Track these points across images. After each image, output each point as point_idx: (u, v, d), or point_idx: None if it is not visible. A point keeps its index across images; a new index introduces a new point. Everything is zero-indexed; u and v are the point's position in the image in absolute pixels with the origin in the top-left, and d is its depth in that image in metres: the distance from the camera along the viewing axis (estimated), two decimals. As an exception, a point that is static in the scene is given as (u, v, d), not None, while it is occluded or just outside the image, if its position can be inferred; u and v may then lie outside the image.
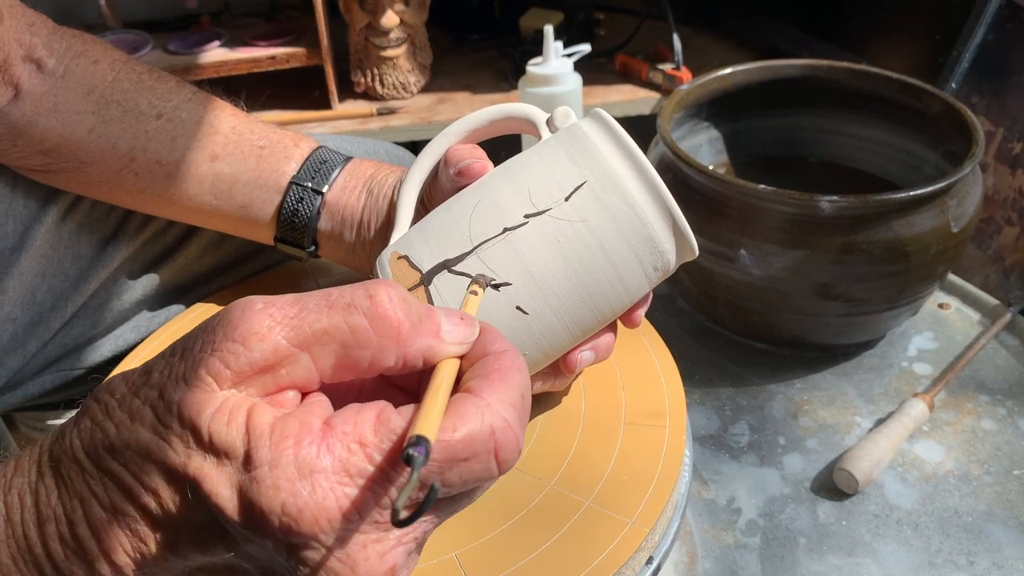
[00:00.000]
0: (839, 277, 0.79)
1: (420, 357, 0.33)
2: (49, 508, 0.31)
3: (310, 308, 0.31)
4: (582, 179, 0.48)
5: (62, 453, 0.32)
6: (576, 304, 0.49)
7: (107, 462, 0.31)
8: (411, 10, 1.34)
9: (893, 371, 0.90)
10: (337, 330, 0.31)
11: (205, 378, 0.30)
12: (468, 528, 0.50)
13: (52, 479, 0.32)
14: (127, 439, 0.31)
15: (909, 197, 0.76)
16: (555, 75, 1.11)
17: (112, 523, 0.31)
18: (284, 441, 0.29)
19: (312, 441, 0.29)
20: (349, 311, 0.31)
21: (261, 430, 0.29)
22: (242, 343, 0.31)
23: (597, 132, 0.50)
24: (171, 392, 0.31)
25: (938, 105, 0.90)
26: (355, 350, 0.32)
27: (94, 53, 0.63)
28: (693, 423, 0.84)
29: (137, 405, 0.31)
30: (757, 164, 1.03)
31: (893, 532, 0.73)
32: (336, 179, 0.62)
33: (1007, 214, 1.01)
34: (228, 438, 0.30)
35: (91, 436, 0.31)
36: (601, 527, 0.50)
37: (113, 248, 0.69)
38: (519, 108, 0.55)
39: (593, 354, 0.53)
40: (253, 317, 0.31)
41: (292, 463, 0.29)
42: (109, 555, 0.31)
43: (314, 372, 0.32)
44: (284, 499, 0.29)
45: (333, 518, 0.29)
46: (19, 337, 0.67)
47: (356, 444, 0.30)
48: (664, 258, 0.50)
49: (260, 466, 0.29)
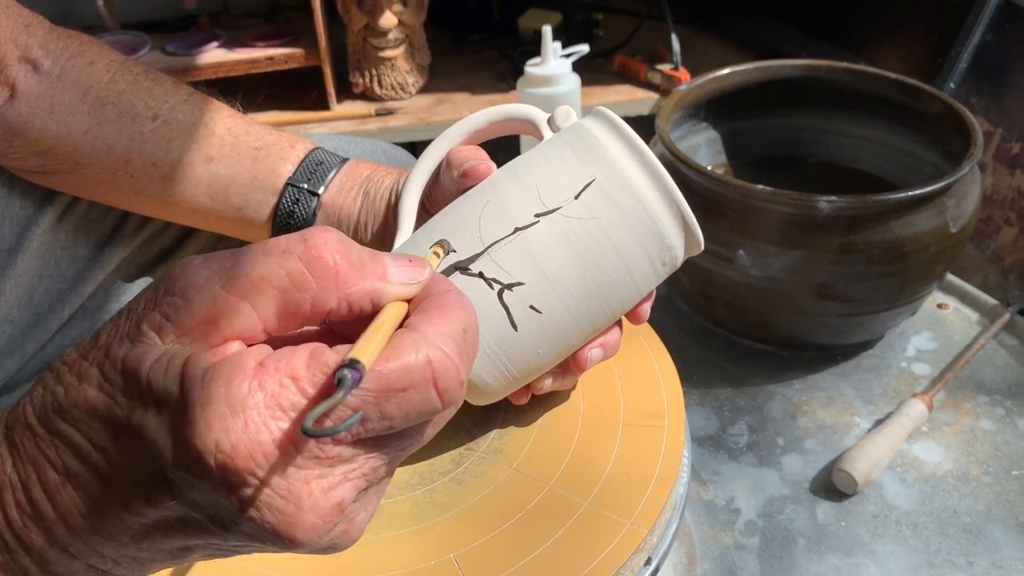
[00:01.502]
0: (838, 277, 0.79)
1: (367, 299, 0.33)
2: (4, 476, 0.32)
3: (247, 258, 0.32)
4: (591, 177, 0.49)
5: (15, 421, 0.33)
6: (588, 301, 0.49)
7: (57, 424, 0.31)
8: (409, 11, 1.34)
9: (892, 371, 0.90)
10: (274, 275, 0.31)
11: (147, 332, 0.31)
12: (467, 529, 0.50)
13: (7, 448, 0.32)
14: (75, 399, 0.31)
15: (908, 197, 0.76)
16: (554, 76, 1.11)
17: (66, 485, 0.31)
18: (215, 381, 0.29)
19: (243, 379, 0.29)
20: (284, 256, 0.31)
21: (194, 375, 0.29)
22: (181, 296, 0.31)
23: (602, 130, 0.50)
24: (116, 350, 0.31)
25: (937, 105, 0.90)
26: (294, 294, 0.31)
27: (90, 54, 0.63)
28: (692, 424, 0.84)
29: (85, 367, 0.32)
30: (756, 164, 1.03)
31: (892, 532, 0.73)
32: (332, 180, 0.62)
33: (1006, 214, 1.00)
34: (165, 385, 0.30)
35: (42, 401, 0.32)
36: (600, 528, 0.50)
37: (110, 250, 0.69)
38: (519, 109, 0.55)
39: (602, 351, 0.53)
40: (191, 271, 0.31)
41: (223, 400, 0.29)
42: (65, 519, 0.31)
43: (256, 321, 0.31)
44: (217, 437, 0.29)
45: (268, 452, 0.29)
46: (16, 339, 0.67)
47: (288, 379, 0.30)
48: (672, 252, 0.50)
49: (192, 408, 0.29)
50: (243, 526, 0.30)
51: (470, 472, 0.54)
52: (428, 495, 0.52)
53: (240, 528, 0.31)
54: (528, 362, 0.51)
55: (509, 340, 0.49)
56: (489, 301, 0.48)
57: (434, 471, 0.54)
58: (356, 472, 0.31)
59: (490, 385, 0.51)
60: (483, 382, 0.50)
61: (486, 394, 0.51)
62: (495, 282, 0.48)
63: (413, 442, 0.33)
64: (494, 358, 0.49)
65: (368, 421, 0.30)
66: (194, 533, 0.32)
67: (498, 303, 0.48)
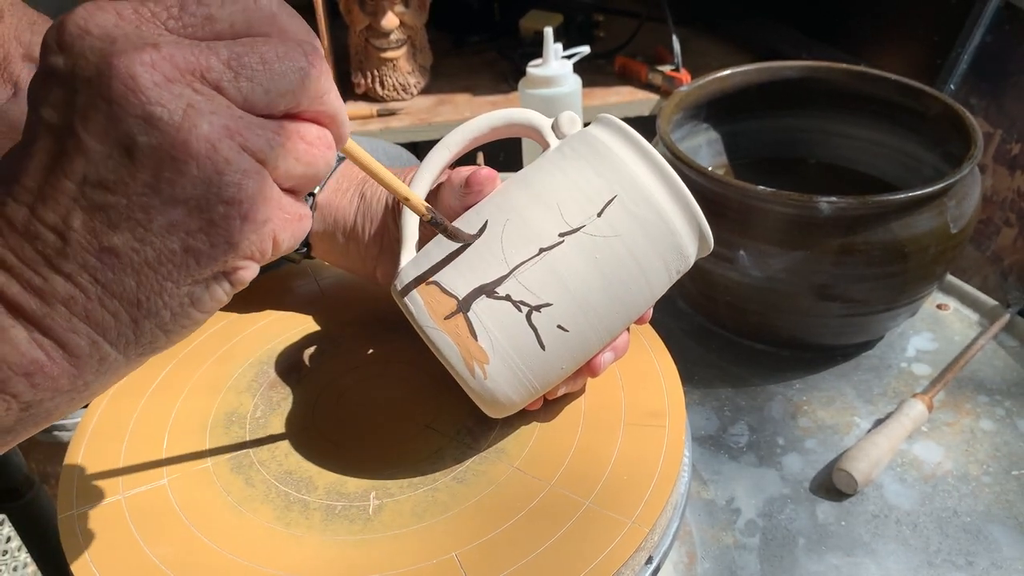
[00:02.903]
0: (838, 278, 0.79)
1: None
2: None
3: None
4: (612, 193, 0.49)
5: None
6: (611, 315, 0.50)
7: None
8: (411, 12, 1.34)
9: (892, 372, 0.90)
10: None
11: None
12: (468, 528, 0.50)
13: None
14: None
15: (908, 198, 0.76)
16: (555, 77, 1.11)
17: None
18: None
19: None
20: None
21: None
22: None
23: (617, 142, 0.50)
24: None
25: (936, 106, 0.90)
26: None
27: None
28: (692, 423, 0.84)
29: None
30: (756, 165, 1.04)
31: (892, 532, 0.73)
32: (328, 181, 0.62)
33: (1005, 215, 1.01)
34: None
35: None
36: (600, 527, 0.50)
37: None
38: (521, 114, 0.55)
39: (613, 354, 0.54)
40: None
41: None
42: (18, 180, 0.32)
43: None
44: (79, 12, 0.31)
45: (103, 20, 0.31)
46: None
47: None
48: (687, 260, 0.51)
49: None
50: (81, 96, 0.31)
51: (472, 471, 0.54)
52: (430, 494, 0.53)
53: (79, 100, 0.31)
54: (551, 377, 0.51)
55: (536, 359, 0.49)
56: (518, 324, 0.48)
57: (436, 470, 0.54)
58: (181, 54, 0.32)
59: (514, 401, 0.51)
60: (508, 399, 0.51)
61: (508, 408, 0.52)
62: (523, 304, 0.48)
63: (250, 53, 0.33)
64: (520, 376, 0.50)
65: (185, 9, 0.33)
66: (86, 161, 0.32)
67: (527, 325, 0.48)
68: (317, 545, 0.50)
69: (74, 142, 0.31)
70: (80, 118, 0.31)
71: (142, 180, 0.32)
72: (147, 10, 0.32)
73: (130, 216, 0.33)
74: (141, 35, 0.31)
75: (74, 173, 0.32)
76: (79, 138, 0.31)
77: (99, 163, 0.32)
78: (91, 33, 0.31)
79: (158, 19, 0.32)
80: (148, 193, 0.32)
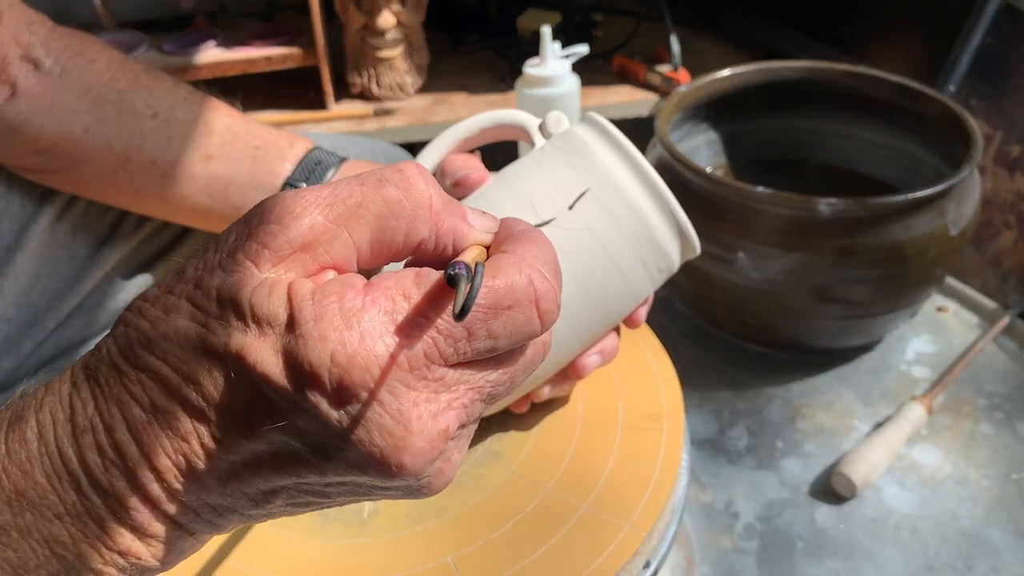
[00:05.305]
0: (837, 280, 0.78)
1: (450, 237, 0.33)
2: (85, 419, 0.30)
3: (342, 187, 0.31)
4: (584, 187, 0.48)
5: (99, 362, 0.31)
6: (584, 311, 0.49)
7: (144, 358, 0.30)
8: (407, 11, 1.34)
9: (891, 374, 0.89)
10: (371, 202, 0.31)
11: (243, 261, 0.30)
12: (465, 532, 0.50)
13: (88, 390, 0.31)
14: (163, 331, 0.30)
15: (907, 200, 0.75)
16: (552, 76, 1.10)
17: (152, 423, 0.30)
18: (327, 298, 0.28)
19: (356, 295, 0.29)
20: (381, 184, 0.31)
21: (303, 294, 0.29)
22: (278, 223, 0.30)
23: (594, 137, 0.50)
24: (208, 280, 0.30)
25: (936, 108, 0.89)
26: (390, 221, 0.31)
27: (91, 52, 0.63)
28: (691, 426, 0.83)
29: (172, 300, 0.30)
30: (755, 166, 1.03)
31: (891, 536, 0.73)
32: (330, 180, 0.62)
33: (1005, 217, 1.00)
34: (270, 307, 0.29)
35: (126, 337, 0.30)
36: (598, 531, 0.49)
37: (108, 248, 0.69)
38: (509, 115, 0.55)
39: (600, 358, 0.54)
40: (287, 200, 0.31)
41: (338, 314, 0.28)
42: (150, 458, 0.30)
43: (351, 249, 0.31)
44: (333, 348, 0.28)
45: (383, 367, 0.28)
46: (13, 338, 0.67)
47: (400, 296, 0.29)
48: (668, 259, 0.50)
49: (305, 322, 0.28)
50: (348, 452, 0.29)
51: (468, 475, 0.54)
52: (426, 497, 0.52)
53: (343, 455, 0.29)
54: None
55: None
56: None
57: (432, 473, 0.54)
58: (458, 401, 0.30)
59: None
60: None
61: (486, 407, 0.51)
62: None
63: (508, 378, 0.32)
64: None
65: (474, 338, 0.29)
66: (287, 469, 0.30)
67: None
68: (311, 549, 0.49)
69: (305, 465, 0.30)
70: (329, 460, 0.30)
71: (349, 488, 0.31)
72: (436, 351, 0.29)
73: (309, 503, 0.32)
74: (435, 418, 0.29)
75: (287, 475, 0.31)
76: (313, 465, 0.30)
77: (318, 481, 0.31)
78: (384, 407, 0.28)
79: (445, 359, 0.29)
80: (343, 493, 0.32)
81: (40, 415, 0.31)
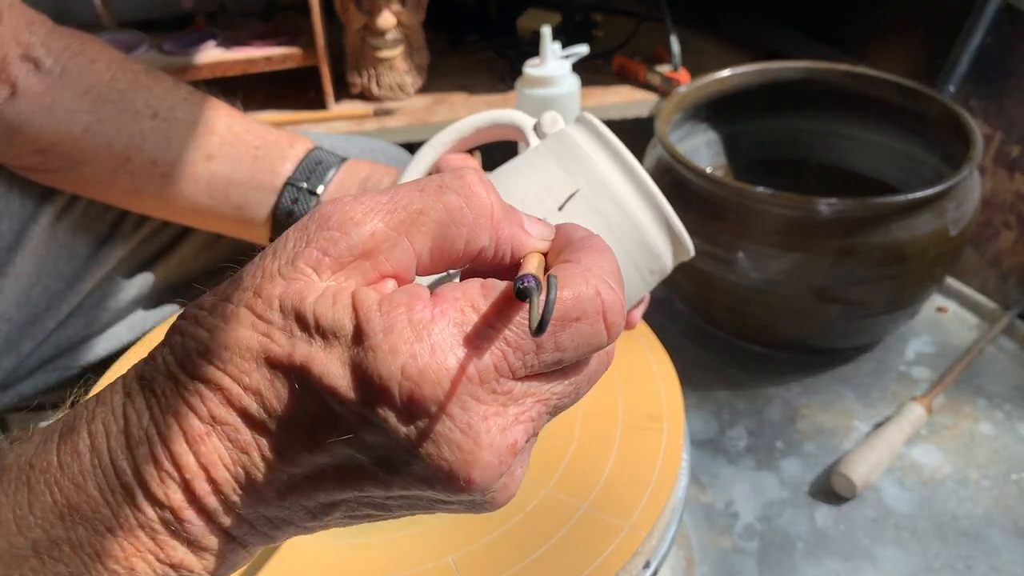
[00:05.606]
0: (837, 280, 0.78)
1: (509, 246, 0.32)
2: (140, 430, 0.30)
3: (401, 194, 0.31)
4: (574, 187, 0.48)
5: (154, 372, 0.30)
6: None
7: (203, 368, 0.29)
8: (408, 11, 1.34)
9: (891, 375, 0.89)
10: (432, 209, 0.30)
11: (304, 269, 0.29)
12: (465, 532, 0.50)
13: (143, 400, 0.30)
14: (223, 340, 0.29)
15: (907, 200, 0.75)
16: (552, 76, 1.10)
17: (211, 435, 0.29)
18: (395, 309, 0.28)
19: (424, 306, 0.28)
20: (442, 191, 0.31)
21: (369, 304, 0.28)
22: (339, 229, 0.30)
23: (587, 138, 0.49)
24: (268, 288, 0.29)
25: (936, 108, 0.89)
26: (451, 228, 0.31)
27: (92, 52, 0.62)
28: (690, 426, 0.83)
29: (231, 308, 0.30)
30: (755, 167, 1.03)
31: (891, 537, 0.73)
32: (331, 180, 0.62)
33: (1005, 218, 1.00)
34: (335, 317, 0.28)
35: (183, 347, 0.30)
36: (598, 531, 0.49)
37: (108, 248, 0.69)
38: (505, 115, 0.55)
39: None
40: (347, 206, 0.30)
41: (408, 326, 0.28)
42: (208, 470, 0.29)
43: (412, 257, 0.31)
44: (404, 361, 0.27)
45: (455, 380, 0.28)
46: (13, 337, 0.67)
47: (469, 308, 0.29)
48: (660, 261, 0.50)
49: (374, 335, 0.28)
50: (415, 465, 0.29)
51: (468, 474, 0.54)
52: (426, 497, 0.52)
53: (411, 469, 0.29)
54: None
55: None
56: None
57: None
58: (526, 415, 0.30)
59: None
60: None
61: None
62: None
63: (573, 389, 0.32)
64: None
65: (542, 351, 0.29)
66: (350, 482, 0.30)
67: None
68: (312, 548, 0.49)
69: (370, 479, 0.30)
70: (395, 473, 0.29)
71: (411, 501, 0.31)
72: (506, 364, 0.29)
73: (368, 515, 0.32)
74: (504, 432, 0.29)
75: (350, 489, 0.30)
76: (378, 479, 0.30)
77: (380, 494, 0.31)
78: (454, 420, 0.28)
79: (514, 372, 0.29)
80: (404, 506, 0.31)
81: (92, 426, 0.30)
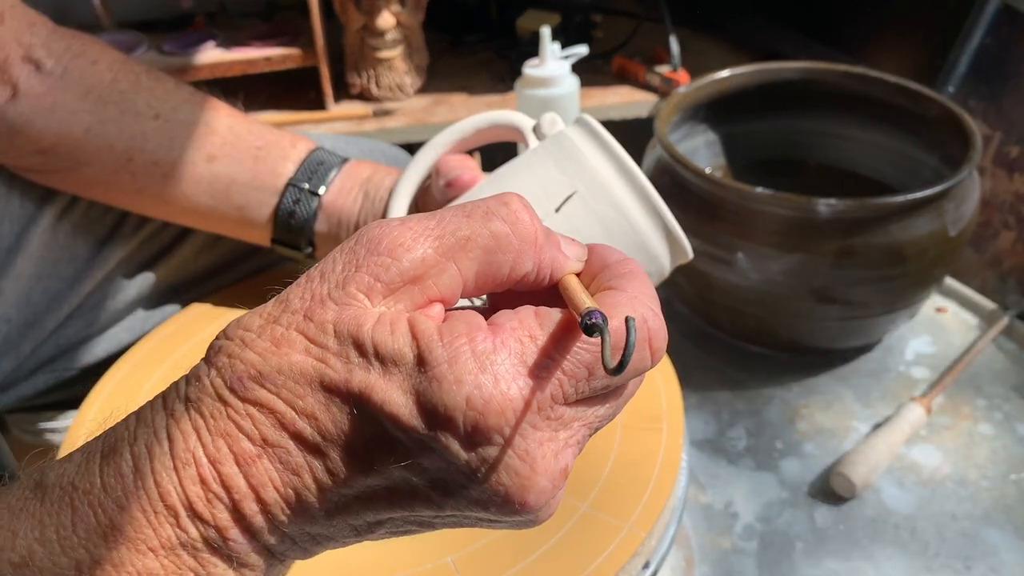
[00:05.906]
0: (836, 281, 0.78)
1: (548, 268, 0.33)
2: (187, 451, 0.30)
3: (448, 219, 0.31)
4: (572, 189, 0.48)
5: (201, 393, 0.30)
6: None
7: (255, 392, 0.29)
8: (407, 11, 1.34)
9: (890, 375, 0.89)
10: (479, 236, 0.31)
11: (356, 295, 0.30)
12: (464, 532, 0.50)
13: (189, 422, 0.30)
14: (276, 365, 0.29)
15: (907, 201, 0.75)
16: (552, 77, 1.10)
17: (262, 457, 0.29)
18: (457, 339, 0.28)
19: (486, 336, 0.29)
20: (488, 218, 0.31)
21: (430, 334, 0.29)
22: (389, 255, 0.30)
23: (584, 140, 0.49)
24: (320, 313, 0.30)
25: (936, 109, 0.90)
26: (497, 255, 0.31)
27: (93, 53, 0.62)
28: (690, 427, 0.83)
29: (280, 332, 0.30)
30: (754, 167, 1.03)
31: (890, 536, 0.73)
32: (333, 181, 0.62)
33: (1004, 218, 1.00)
34: (396, 346, 0.29)
35: (232, 370, 0.30)
36: (597, 531, 0.49)
37: (109, 249, 0.68)
38: (504, 116, 0.55)
39: None
40: (395, 231, 0.30)
41: (471, 357, 0.28)
42: (258, 491, 0.29)
43: (459, 281, 0.31)
44: (469, 392, 0.28)
45: (517, 409, 0.28)
46: (13, 338, 0.67)
47: (527, 337, 0.29)
48: (658, 263, 0.50)
49: (438, 364, 0.28)
50: (472, 489, 0.29)
51: (468, 475, 0.54)
52: (426, 498, 0.52)
53: (467, 492, 0.29)
54: None
55: None
56: None
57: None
58: (574, 438, 0.30)
59: None
60: None
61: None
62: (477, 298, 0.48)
63: (613, 411, 0.32)
64: None
65: (593, 378, 0.30)
66: (401, 503, 0.30)
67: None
68: (311, 549, 0.49)
69: (423, 500, 0.30)
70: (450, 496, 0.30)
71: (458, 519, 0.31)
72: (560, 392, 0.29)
73: (410, 531, 0.32)
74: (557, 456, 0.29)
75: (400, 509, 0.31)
76: (432, 501, 0.30)
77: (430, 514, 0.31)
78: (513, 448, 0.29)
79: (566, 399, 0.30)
80: (451, 524, 0.32)
81: (135, 448, 0.30)
